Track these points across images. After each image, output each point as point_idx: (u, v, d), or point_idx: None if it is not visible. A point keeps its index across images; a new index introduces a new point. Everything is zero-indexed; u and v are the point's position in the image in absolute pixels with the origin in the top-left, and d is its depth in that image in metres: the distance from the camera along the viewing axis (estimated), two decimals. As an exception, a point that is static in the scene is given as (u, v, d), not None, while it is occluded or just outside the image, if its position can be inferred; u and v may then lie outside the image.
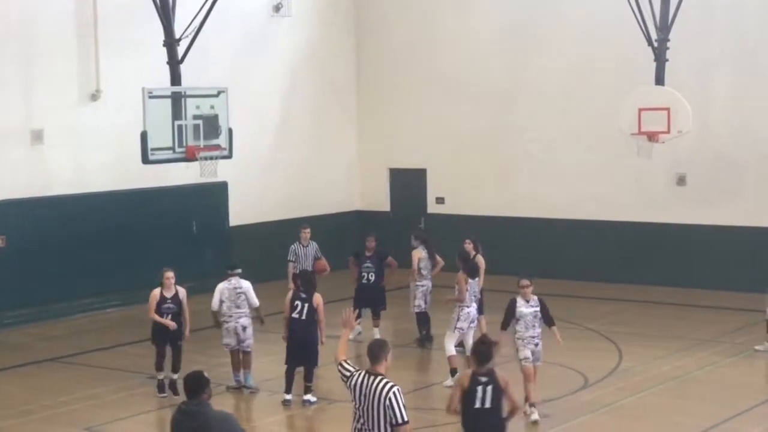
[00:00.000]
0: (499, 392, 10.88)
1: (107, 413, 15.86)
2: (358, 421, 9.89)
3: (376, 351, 9.93)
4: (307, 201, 27.47)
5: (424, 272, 19.69)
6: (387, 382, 9.73)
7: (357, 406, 9.87)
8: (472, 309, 17.19)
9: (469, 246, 19.19)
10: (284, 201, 27.18)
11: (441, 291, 19.74)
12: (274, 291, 20.57)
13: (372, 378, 9.80)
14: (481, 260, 19.00)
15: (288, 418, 16.02)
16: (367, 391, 9.75)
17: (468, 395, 10.87)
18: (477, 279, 17.59)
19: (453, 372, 16.95)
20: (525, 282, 15.55)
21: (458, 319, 17.03)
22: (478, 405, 10.85)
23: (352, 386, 9.88)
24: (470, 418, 10.90)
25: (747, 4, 24.43)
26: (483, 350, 11.08)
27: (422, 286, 19.42)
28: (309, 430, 15.77)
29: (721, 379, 17.57)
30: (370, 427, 9.76)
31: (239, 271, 17.14)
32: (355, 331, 20.31)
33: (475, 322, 17.37)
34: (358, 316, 20.04)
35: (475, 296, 17.37)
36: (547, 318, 15.47)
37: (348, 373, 9.98)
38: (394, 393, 9.66)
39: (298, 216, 25.67)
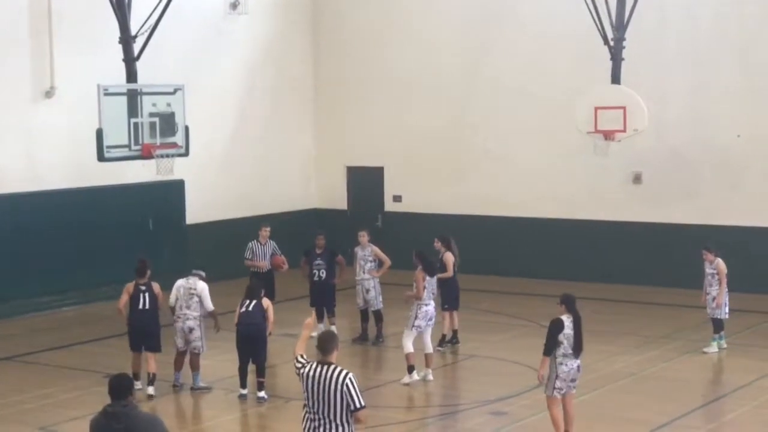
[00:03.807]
0: (151, 298, 16.29)
1: (61, 412, 15.78)
2: (309, 412, 9.98)
3: (326, 343, 10.08)
4: (263, 199, 27.40)
5: (365, 267, 19.89)
6: (342, 370, 9.88)
7: (308, 396, 9.95)
8: (431, 307, 17.26)
9: (437, 245, 19.30)
10: (241, 199, 27.10)
11: (399, 289, 19.81)
12: (229, 289, 20.53)
13: (325, 367, 9.92)
14: (448, 257, 19.11)
15: (243, 416, 16.00)
16: (321, 380, 9.86)
17: (133, 299, 16.28)
18: (435, 277, 17.65)
19: (410, 369, 17.00)
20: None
21: (416, 317, 17.08)
22: (140, 306, 16.27)
23: (304, 376, 9.99)
24: (135, 315, 16.38)
25: (702, 3, 24.60)
26: (139, 268, 16.49)
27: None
28: (264, 428, 15.73)
29: (676, 376, 17.69)
30: (325, 415, 9.86)
31: (201, 273, 17.06)
32: (317, 330, 20.32)
33: (433, 320, 17.43)
34: (320, 315, 20.05)
35: (433, 293, 17.42)
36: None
37: (300, 365, 10.13)
38: (350, 379, 9.82)
39: (254, 214, 25.65)
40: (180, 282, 16.93)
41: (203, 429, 15.58)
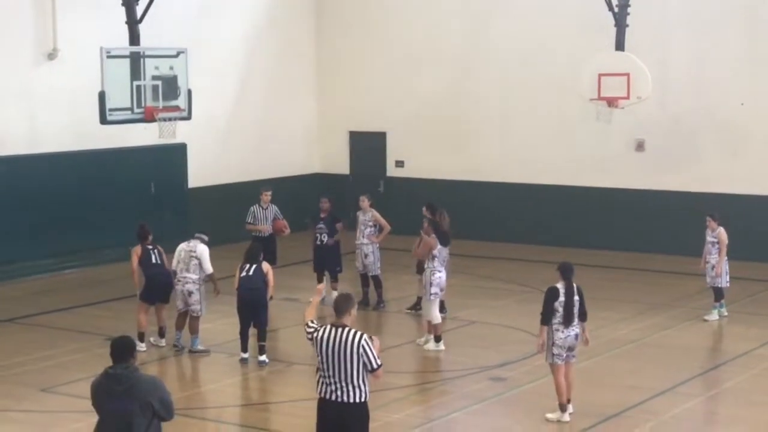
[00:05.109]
0: (160, 254, 16.93)
1: (63, 374, 15.84)
2: (324, 375, 10.03)
3: (341, 304, 10.14)
4: (266, 163, 27.38)
5: (365, 232, 19.84)
6: (356, 332, 9.97)
7: (323, 359, 10.00)
8: (443, 274, 17.23)
9: (425, 211, 19.17)
10: (243, 163, 27.09)
11: (399, 254, 19.86)
12: (231, 253, 20.55)
13: (340, 330, 9.99)
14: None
15: (244, 380, 16.06)
16: (336, 342, 9.93)
17: (144, 258, 16.84)
18: (448, 247, 17.52)
19: (438, 339, 17.11)
20: None
21: (431, 285, 17.02)
22: (154, 261, 16.88)
23: (318, 339, 10.03)
24: (151, 270, 16.85)
25: (707, -30, 24.52)
26: (141, 232, 17.05)
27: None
28: (265, 392, 15.79)
29: (676, 343, 17.74)
30: (341, 377, 9.93)
31: (203, 236, 17.11)
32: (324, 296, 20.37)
33: (444, 289, 17.37)
34: (321, 280, 20.16)
35: (443, 261, 17.32)
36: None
37: (312, 329, 10.17)
38: (365, 341, 9.94)
39: (256, 178, 25.64)
40: (182, 245, 17.03)
41: (205, 392, 15.64)
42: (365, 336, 9.99)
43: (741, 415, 14.45)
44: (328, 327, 10.07)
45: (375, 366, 9.97)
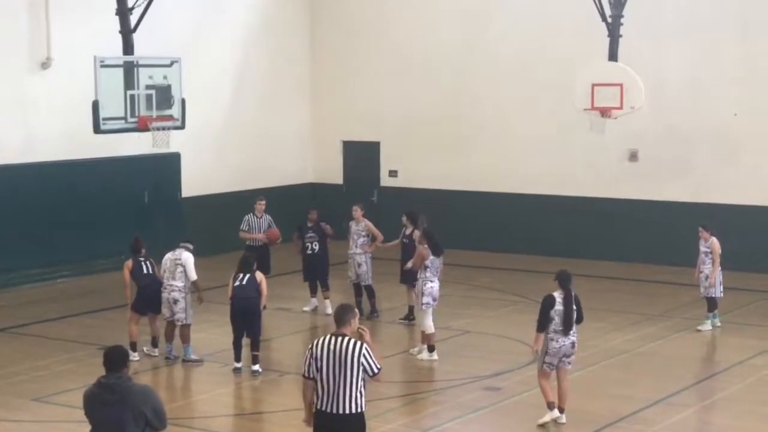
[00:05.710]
0: (152, 266, 17.08)
1: (55, 384, 15.79)
2: (321, 386, 9.95)
3: (342, 314, 10.13)
4: (259, 173, 27.36)
5: (358, 242, 19.80)
6: (356, 342, 9.99)
7: (321, 369, 9.92)
8: (436, 284, 17.14)
9: (405, 220, 19.12)
10: (236, 173, 27.06)
11: (393, 264, 19.83)
12: (225, 263, 20.53)
13: (340, 338, 9.98)
14: (416, 234, 18.51)
15: (237, 389, 16.03)
16: (336, 350, 9.91)
17: (135, 270, 16.94)
18: (441, 257, 17.39)
19: (431, 349, 17.08)
20: None
21: (423, 294, 16.98)
22: (145, 272, 16.96)
23: (317, 347, 9.99)
24: (143, 281, 16.97)
25: (700, -19, 24.57)
26: (135, 245, 17.17)
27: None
28: (258, 401, 15.76)
29: (670, 353, 17.72)
30: (339, 387, 9.89)
31: (189, 245, 17.11)
32: (311, 304, 20.42)
33: (437, 299, 17.31)
34: (314, 289, 20.18)
35: (436, 271, 17.24)
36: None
37: (305, 366, 10.07)
38: (366, 349, 9.97)
39: (250, 188, 25.60)
40: (167, 255, 17.08)
41: (197, 402, 15.60)
42: (365, 344, 9.98)
43: (734, 426, 14.45)
44: (328, 336, 10.04)
45: (376, 371, 10.00)
